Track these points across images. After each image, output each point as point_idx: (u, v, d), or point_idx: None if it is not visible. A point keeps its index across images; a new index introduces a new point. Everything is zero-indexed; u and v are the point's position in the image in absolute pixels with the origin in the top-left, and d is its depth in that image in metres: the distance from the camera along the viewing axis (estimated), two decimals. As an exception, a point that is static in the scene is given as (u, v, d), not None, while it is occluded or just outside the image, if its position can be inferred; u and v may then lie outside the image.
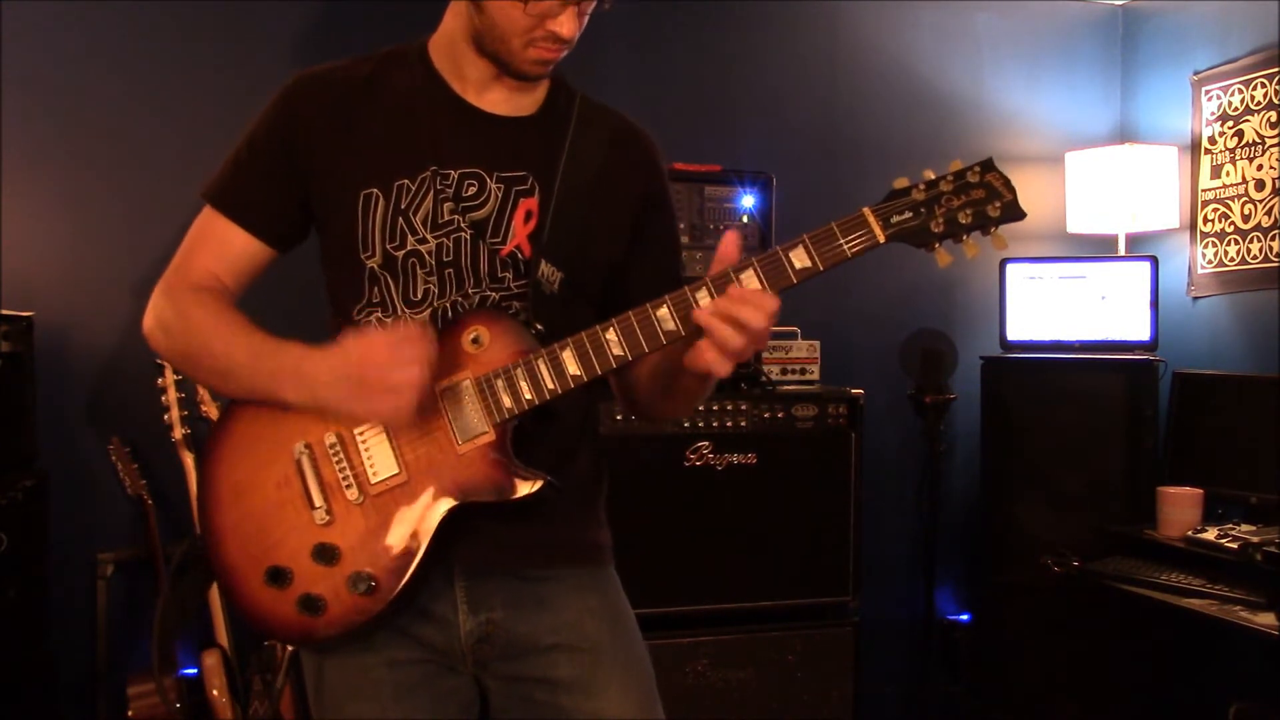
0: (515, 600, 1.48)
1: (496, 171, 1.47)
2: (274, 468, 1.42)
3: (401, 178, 1.45)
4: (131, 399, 2.97)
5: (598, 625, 1.52)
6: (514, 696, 1.50)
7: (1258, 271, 3.43)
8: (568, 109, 1.53)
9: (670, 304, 1.34)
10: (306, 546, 1.39)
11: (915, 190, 1.36)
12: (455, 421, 1.38)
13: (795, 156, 3.59)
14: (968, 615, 3.78)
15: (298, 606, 1.39)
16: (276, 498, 1.41)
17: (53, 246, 2.96)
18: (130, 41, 3.03)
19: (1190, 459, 3.28)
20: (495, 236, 1.46)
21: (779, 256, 1.33)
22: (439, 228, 1.45)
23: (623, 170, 1.54)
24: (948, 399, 3.49)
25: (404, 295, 1.46)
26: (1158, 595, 2.85)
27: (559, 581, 1.51)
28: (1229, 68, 3.53)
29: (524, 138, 1.50)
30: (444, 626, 1.46)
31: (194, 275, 1.49)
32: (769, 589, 3.05)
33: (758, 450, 3.06)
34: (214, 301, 1.47)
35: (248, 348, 1.42)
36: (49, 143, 2.95)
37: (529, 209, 1.47)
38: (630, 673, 1.53)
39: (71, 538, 2.89)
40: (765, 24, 3.65)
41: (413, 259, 1.45)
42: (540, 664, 1.48)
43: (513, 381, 1.37)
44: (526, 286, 1.46)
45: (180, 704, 2.74)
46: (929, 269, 3.97)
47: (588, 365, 1.36)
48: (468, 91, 1.50)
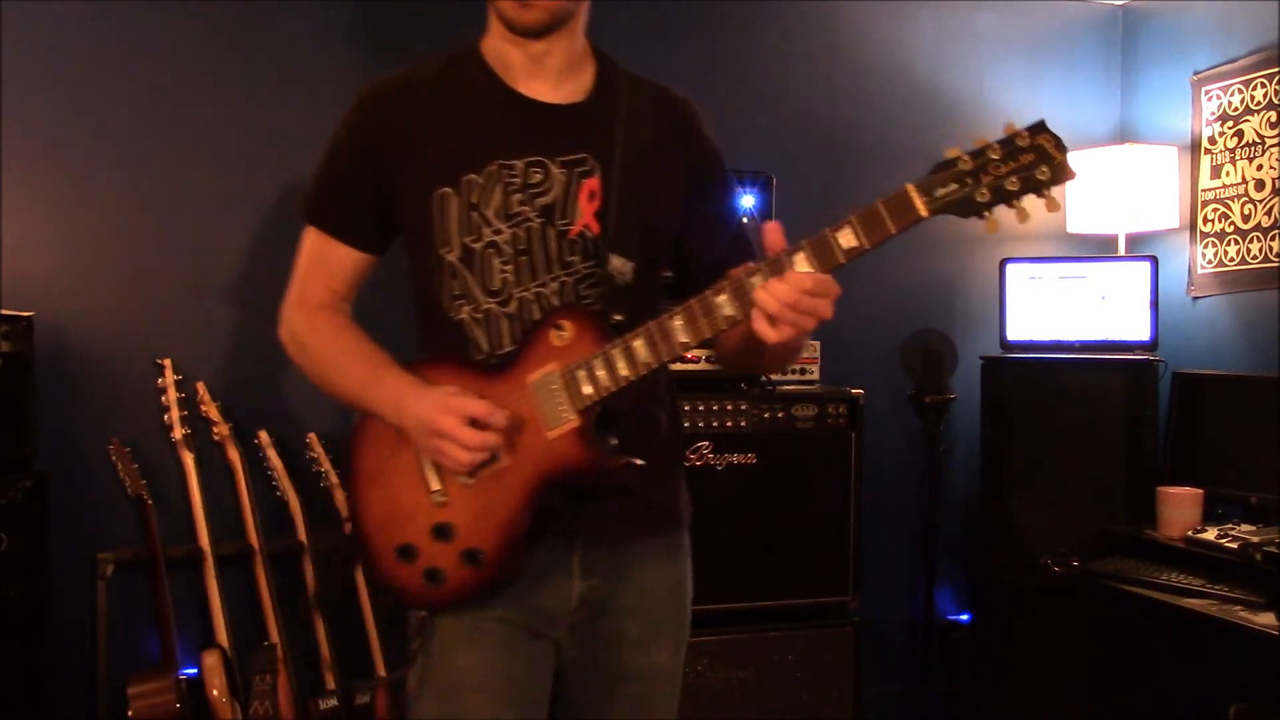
0: (615, 566, 1.64)
1: (558, 156, 1.58)
2: (399, 458, 1.57)
3: (469, 174, 1.56)
4: (131, 399, 2.98)
5: (667, 592, 1.71)
6: (582, 648, 1.66)
7: (1258, 271, 3.42)
8: (615, 89, 1.63)
9: (730, 290, 1.44)
10: (427, 525, 1.54)
11: (962, 160, 1.38)
12: (545, 410, 1.51)
13: (795, 156, 3.59)
14: (968, 615, 3.78)
15: (423, 579, 1.55)
16: (401, 483, 1.56)
17: (53, 246, 2.96)
18: (131, 42, 3.02)
19: (1190, 459, 3.28)
20: (564, 219, 1.58)
21: (827, 238, 1.41)
22: (511, 218, 1.57)
23: (669, 137, 1.65)
24: (948, 399, 3.49)
25: (483, 286, 1.58)
26: (1158, 595, 2.85)
27: (648, 550, 1.69)
28: (1229, 68, 3.53)
29: (579, 122, 1.60)
30: (557, 591, 1.61)
31: (314, 293, 1.66)
32: (769, 589, 3.05)
33: (758, 450, 3.06)
34: (330, 326, 1.65)
35: (356, 378, 1.60)
36: (49, 143, 2.95)
37: (591, 189, 1.58)
38: (676, 634, 1.73)
39: (71, 538, 2.88)
40: (765, 24, 3.65)
41: (490, 250, 1.57)
42: (615, 623, 1.65)
43: (592, 371, 1.49)
44: (595, 267, 1.57)
45: (181, 704, 2.74)
46: (929, 269, 3.99)
47: (657, 353, 1.48)
48: (518, 83, 1.60)
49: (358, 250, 1.64)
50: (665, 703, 1.72)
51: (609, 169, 1.58)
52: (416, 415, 1.51)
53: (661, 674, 1.70)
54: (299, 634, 3.01)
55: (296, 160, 3.17)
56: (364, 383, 1.59)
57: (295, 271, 1.67)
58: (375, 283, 1.71)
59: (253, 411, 3.06)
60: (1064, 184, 1.38)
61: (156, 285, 3.04)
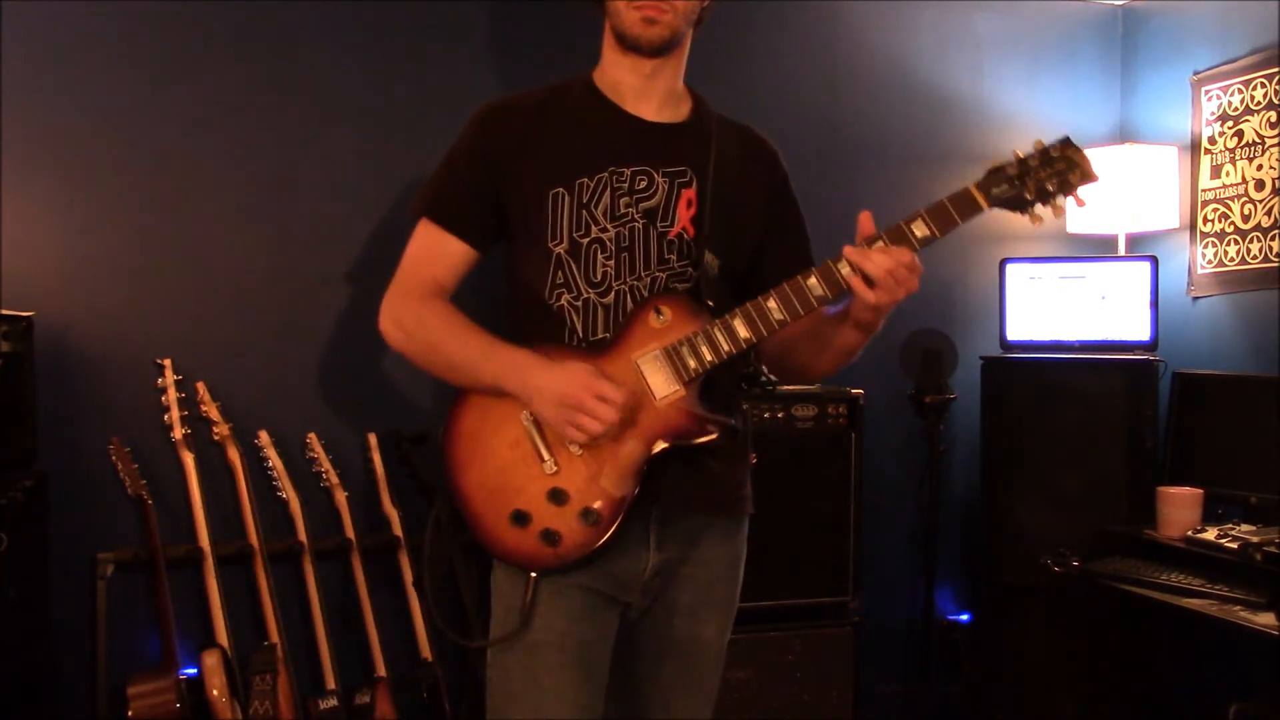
0: (686, 540, 1.81)
1: (662, 167, 1.79)
2: (505, 433, 1.74)
3: (582, 177, 1.76)
4: (131, 399, 2.97)
5: (723, 570, 1.87)
6: (646, 612, 1.83)
7: (1258, 271, 3.43)
8: (709, 119, 1.87)
9: (817, 274, 1.67)
10: (542, 492, 1.71)
11: (1009, 167, 1.68)
12: (652, 383, 1.70)
13: (795, 156, 3.57)
14: (968, 615, 3.78)
15: (539, 539, 1.71)
16: (511, 456, 1.73)
17: (53, 246, 2.96)
18: (131, 42, 3.02)
19: (1190, 459, 3.28)
20: (664, 221, 1.78)
21: (902, 228, 1.66)
22: (617, 218, 1.76)
23: (756, 166, 1.89)
24: (948, 399, 3.49)
25: (585, 277, 1.76)
26: (1158, 595, 2.85)
27: (714, 528, 1.85)
28: (1229, 68, 3.53)
29: (680, 140, 1.82)
30: (635, 560, 1.77)
31: (422, 283, 1.81)
32: (769, 589, 3.05)
33: (758, 450, 3.04)
34: (443, 307, 1.80)
35: (479, 349, 1.75)
36: (49, 143, 2.95)
37: (689, 198, 1.79)
38: (726, 611, 1.89)
39: (71, 538, 2.88)
40: (765, 24, 3.65)
41: (595, 245, 1.76)
42: (673, 591, 1.82)
43: (695, 347, 1.70)
44: (689, 265, 1.77)
45: (181, 704, 2.74)
46: (929, 269, 3.94)
47: (755, 328, 1.69)
48: (628, 105, 1.82)
49: (469, 245, 1.81)
50: (709, 675, 1.88)
51: (704, 181, 1.79)
52: (548, 387, 1.67)
53: (708, 647, 1.86)
54: (299, 634, 3.01)
55: (297, 160, 3.19)
56: (485, 353, 1.73)
57: (403, 264, 1.83)
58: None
59: (253, 411, 3.06)
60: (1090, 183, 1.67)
61: (156, 285, 3.04)
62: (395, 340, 1.82)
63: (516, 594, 1.74)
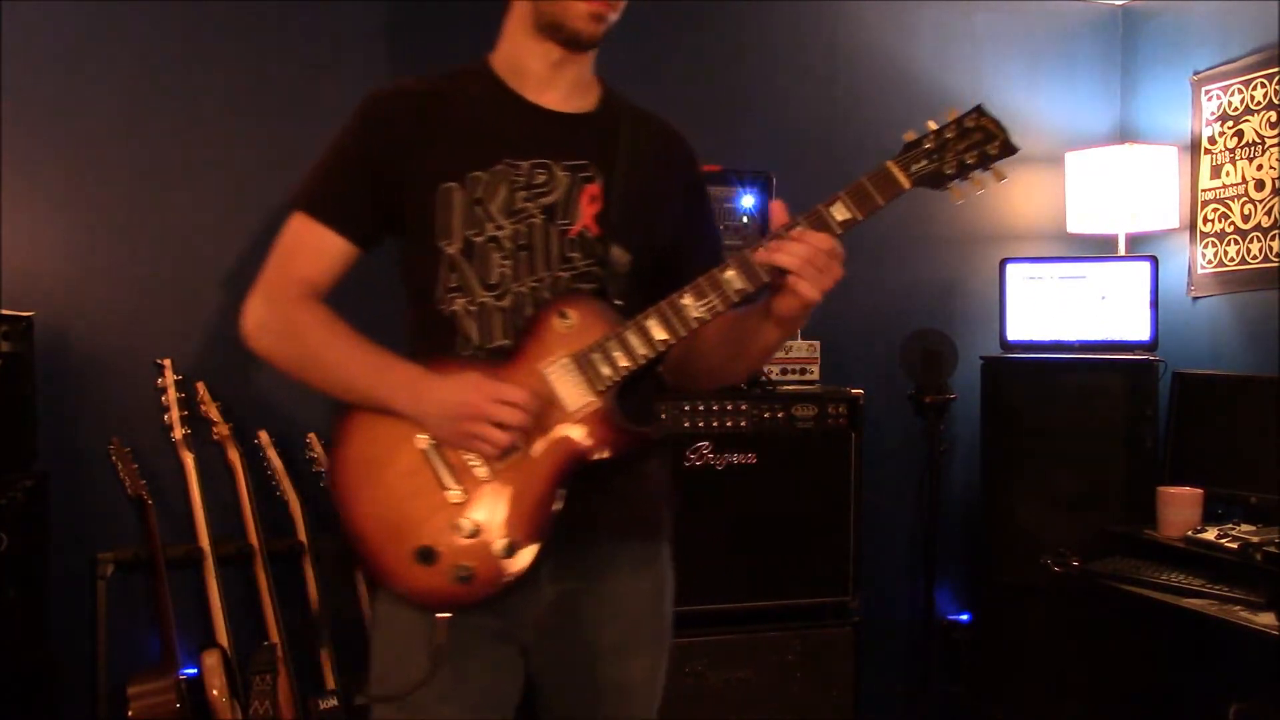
0: (588, 571, 1.62)
1: (562, 160, 1.63)
2: (401, 459, 1.55)
3: (475, 170, 1.60)
4: (131, 399, 2.97)
5: (646, 601, 1.69)
6: (554, 655, 1.65)
7: (1258, 271, 3.42)
8: (618, 110, 1.71)
9: (735, 266, 1.54)
10: (448, 524, 1.53)
11: (926, 140, 1.58)
12: (562, 393, 1.54)
13: (795, 156, 3.59)
14: (968, 615, 3.78)
15: (450, 578, 1.52)
16: (410, 485, 1.55)
17: (53, 246, 2.96)
18: (131, 43, 3.02)
19: (1190, 459, 3.28)
20: (565, 218, 1.62)
21: (821, 213, 1.54)
22: (513, 214, 1.60)
23: (670, 164, 1.74)
24: (948, 399, 3.49)
25: (481, 279, 1.60)
26: (1158, 595, 2.85)
27: (626, 555, 1.66)
28: (1229, 68, 3.53)
29: (584, 131, 1.67)
30: (529, 593, 1.58)
31: (294, 282, 1.62)
32: (769, 589, 3.05)
33: (758, 450, 3.06)
34: (322, 313, 1.61)
35: (362, 362, 1.57)
36: (50, 143, 2.95)
37: (592, 193, 1.63)
38: (655, 648, 1.71)
39: (71, 538, 2.88)
40: (765, 24, 3.65)
41: (490, 244, 1.60)
42: (591, 631, 1.63)
43: (608, 352, 1.53)
44: (594, 264, 1.61)
45: (181, 704, 2.74)
46: (929, 269, 3.99)
47: (672, 329, 1.53)
48: (529, 93, 1.65)
49: (350, 242, 1.63)
50: (643, 714, 1.71)
51: (611, 176, 1.64)
52: (443, 400, 1.51)
53: (638, 687, 1.69)
54: (299, 634, 3.01)
55: (298, 161, 3.18)
56: (372, 368, 1.56)
57: (272, 260, 1.64)
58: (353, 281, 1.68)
59: (253, 411, 3.06)
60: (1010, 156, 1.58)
61: (157, 285, 3.04)
62: (260, 346, 1.61)
63: (415, 636, 1.55)
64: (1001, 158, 1.57)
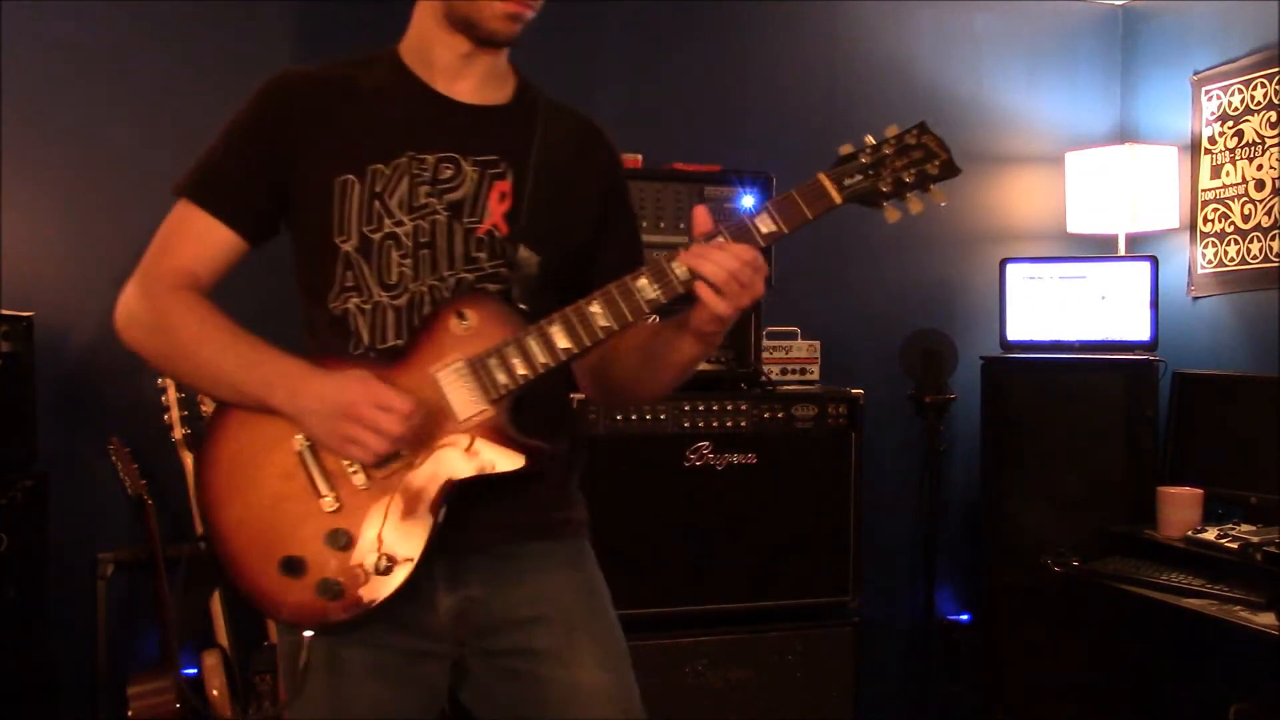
0: (492, 576, 1.53)
1: (471, 155, 1.53)
2: (275, 462, 1.45)
3: (376, 163, 1.50)
4: (131, 399, 2.97)
5: (572, 598, 1.58)
6: (495, 670, 1.56)
7: (1258, 271, 3.42)
8: (534, 103, 1.61)
9: (649, 274, 1.43)
10: (319, 534, 1.42)
11: (862, 155, 1.48)
12: (453, 400, 1.43)
13: (795, 156, 3.57)
14: (968, 615, 3.78)
15: (316, 592, 1.42)
16: (282, 490, 1.44)
17: (53, 246, 2.96)
18: (131, 43, 3.03)
19: (1190, 459, 3.28)
20: (472, 216, 1.52)
21: (746, 223, 1.44)
22: (415, 210, 1.50)
23: (589, 161, 1.63)
24: (948, 399, 3.49)
25: (379, 279, 1.50)
26: (1158, 595, 2.85)
27: (534, 556, 1.56)
28: (1229, 68, 3.53)
29: (496, 125, 1.57)
30: (425, 605, 1.50)
31: (172, 271, 1.51)
32: (769, 589, 3.05)
33: (758, 450, 3.05)
34: (199, 304, 1.49)
35: (238, 355, 1.45)
36: (50, 143, 2.95)
37: (503, 190, 1.53)
38: (603, 643, 1.59)
39: (71, 538, 2.89)
40: (765, 24, 3.65)
41: (389, 242, 1.50)
42: (519, 637, 1.54)
43: (505, 359, 1.43)
44: (501, 265, 1.51)
45: (180, 704, 2.74)
46: (929, 269, 3.99)
47: (576, 338, 1.43)
48: (438, 83, 1.56)
49: (238, 235, 1.52)
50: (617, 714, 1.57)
51: (522, 173, 1.54)
52: (322, 396, 1.40)
53: (597, 690, 1.55)
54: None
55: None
56: (248, 361, 1.44)
57: (152, 249, 1.53)
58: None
59: (253, 411, 3.06)
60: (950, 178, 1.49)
61: (156, 285, 3.04)
62: (131, 338, 1.49)
63: (289, 656, 1.49)
64: (942, 179, 1.48)
